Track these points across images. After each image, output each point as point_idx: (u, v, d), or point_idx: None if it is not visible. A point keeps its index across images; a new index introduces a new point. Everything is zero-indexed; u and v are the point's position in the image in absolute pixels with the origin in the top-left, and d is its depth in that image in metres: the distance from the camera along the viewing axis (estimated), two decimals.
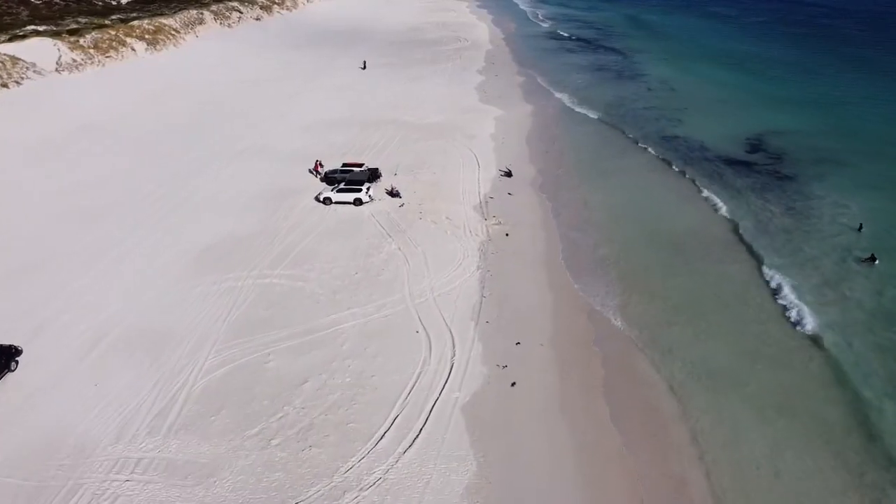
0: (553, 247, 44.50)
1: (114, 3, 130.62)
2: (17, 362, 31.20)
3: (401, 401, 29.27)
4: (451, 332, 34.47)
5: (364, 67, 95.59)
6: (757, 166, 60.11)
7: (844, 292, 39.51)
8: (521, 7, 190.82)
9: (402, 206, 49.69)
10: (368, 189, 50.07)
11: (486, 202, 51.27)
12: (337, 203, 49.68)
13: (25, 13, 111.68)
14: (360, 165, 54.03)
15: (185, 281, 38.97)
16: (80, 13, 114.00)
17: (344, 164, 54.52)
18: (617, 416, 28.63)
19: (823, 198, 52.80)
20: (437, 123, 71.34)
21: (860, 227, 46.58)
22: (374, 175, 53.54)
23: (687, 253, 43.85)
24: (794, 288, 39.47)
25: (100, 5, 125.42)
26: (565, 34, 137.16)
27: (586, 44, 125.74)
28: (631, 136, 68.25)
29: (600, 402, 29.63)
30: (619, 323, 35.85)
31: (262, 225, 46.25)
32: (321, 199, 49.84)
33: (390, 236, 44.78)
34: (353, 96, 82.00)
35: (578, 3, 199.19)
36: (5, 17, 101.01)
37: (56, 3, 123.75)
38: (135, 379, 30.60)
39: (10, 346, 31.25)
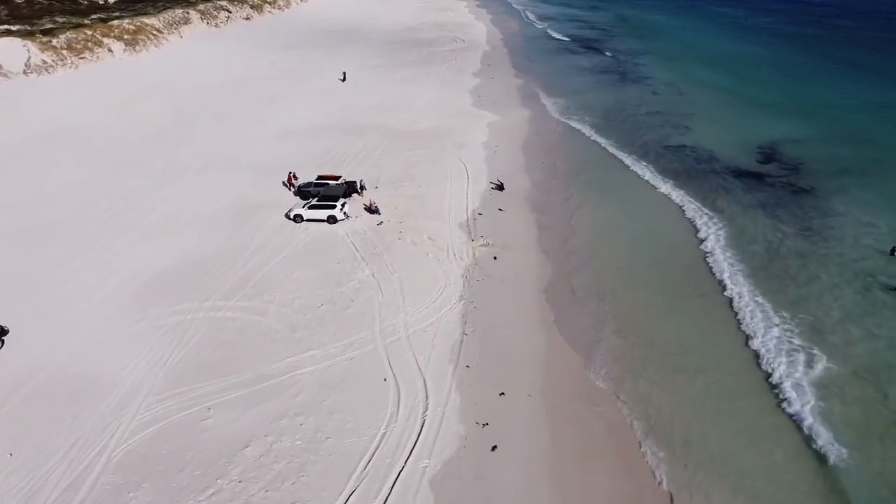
0: (546, 274, 39.75)
1: (100, 2, 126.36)
2: (2, 341, 31.28)
3: (358, 472, 24.59)
4: (424, 379, 29.79)
5: (344, 79, 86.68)
6: (770, 179, 55.30)
7: (871, 329, 34.66)
8: (522, 7, 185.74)
9: (380, 224, 45.04)
10: (343, 205, 45.43)
11: (474, 219, 46.61)
12: (309, 221, 45.04)
13: (5, 12, 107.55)
14: (337, 178, 49.38)
15: (128, 314, 34.35)
16: (63, 12, 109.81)
17: (319, 177, 49.88)
18: (614, 497, 23.85)
19: (845, 215, 48.01)
20: (426, 130, 66.71)
21: (893, 251, 41.58)
22: (351, 189, 48.92)
23: (691, 285, 38.90)
24: (812, 326, 34.54)
25: (84, 4, 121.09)
26: (567, 35, 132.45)
27: (589, 45, 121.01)
28: (634, 144, 63.42)
29: (595, 475, 24.87)
30: (614, 375, 30.87)
31: (223, 246, 41.62)
32: (291, 217, 45.21)
33: (364, 260, 40.11)
34: (339, 100, 77.38)
35: (581, 2, 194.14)
36: None
37: (38, 3, 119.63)
38: (49, 439, 26.00)
39: None
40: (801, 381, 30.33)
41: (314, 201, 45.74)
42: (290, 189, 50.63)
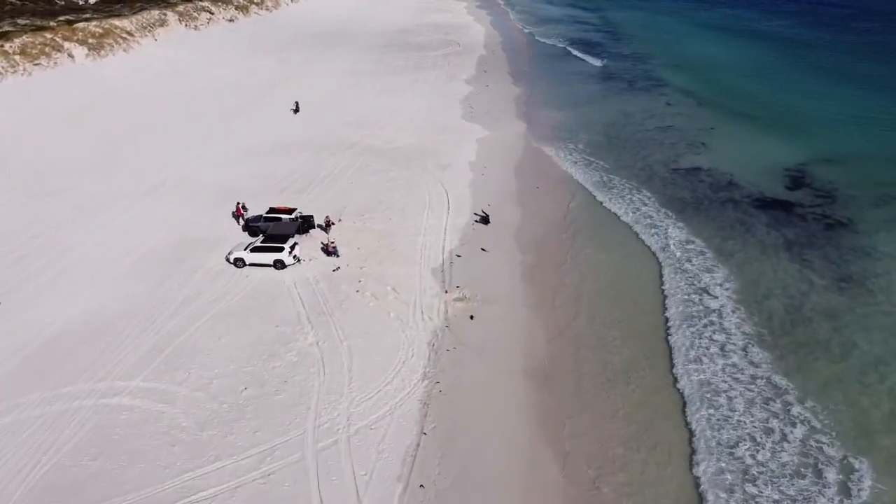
0: (530, 342, 32.23)
1: (81, 2, 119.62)
2: None
3: None
4: None
5: (297, 110, 69.76)
6: (799, 209, 47.60)
7: None
8: (524, 9, 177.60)
9: (336, 270, 37.67)
10: (294, 247, 38.02)
11: (451, 263, 39.18)
12: (252, 265, 37.68)
13: None
14: (291, 212, 42.02)
15: (1, 399, 27.07)
16: (35, 14, 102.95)
17: (270, 210, 42.52)
18: None
19: (894, 257, 40.27)
20: (406, 147, 59.28)
21: None
22: (307, 225, 41.58)
23: (693, 360, 31.27)
24: (853, 422, 26.98)
25: (60, 5, 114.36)
26: (570, 39, 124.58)
27: (595, 49, 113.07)
28: (636, 167, 55.42)
29: None
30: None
31: (144, 299, 34.36)
32: (231, 260, 37.88)
33: (310, 322, 32.74)
34: (314, 111, 69.96)
35: (587, 3, 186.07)
36: None
37: (10, 3, 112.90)
38: None
39: None
40: None
41: (259, 241, 38.37)
42: (238, 222, 43.37)
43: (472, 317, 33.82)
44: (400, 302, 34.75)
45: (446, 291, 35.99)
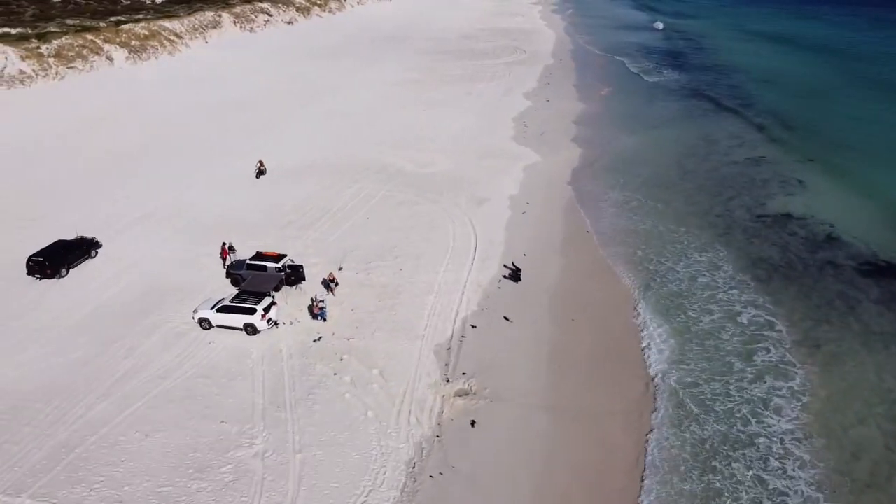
0: (556, 469, 23.92)
1: (148, 1, 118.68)
2: (97, 252, 36.92)
3: None
4: None
5: (262, 173, 50.42)
6: None
7: None
8: (601, 10, 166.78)
9: (317, 340, 30.49)
10: (269, 309, 31.06)
11: (462, 337, 31.36)
12: (220, 327, 31.02)
13: (30, 11, 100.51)
14: (279, 259, 35.15)
15: None
16: (96, 13, 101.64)
17: (256, 255, 35.79)
18: None
19: None
20: (442, 174, 51.80)
21: None
22: (295, 277, 34.62)
23: None
24: None
25: (124, 4, 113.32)
26: (647, 47, 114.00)
27: (675, 60, 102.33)
28: (720, 212, 45.76)
29: None
30: None
31: (75, 371, 28.26)
32: (196, 320, 31.33)
33: (263, 420, 25.65)
34: (347, 126, 63.60)
35: (667, 8, 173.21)
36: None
37: (72, 2, 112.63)
38: None
39: (92, 238, 37.16)
40: None
41: (228, 299, 31.63)
42: (224, 265, 36.98)
43: (473, 422, 25.95)
44: (384, 393, 27.20)
45: (447, 380, 28.20)
